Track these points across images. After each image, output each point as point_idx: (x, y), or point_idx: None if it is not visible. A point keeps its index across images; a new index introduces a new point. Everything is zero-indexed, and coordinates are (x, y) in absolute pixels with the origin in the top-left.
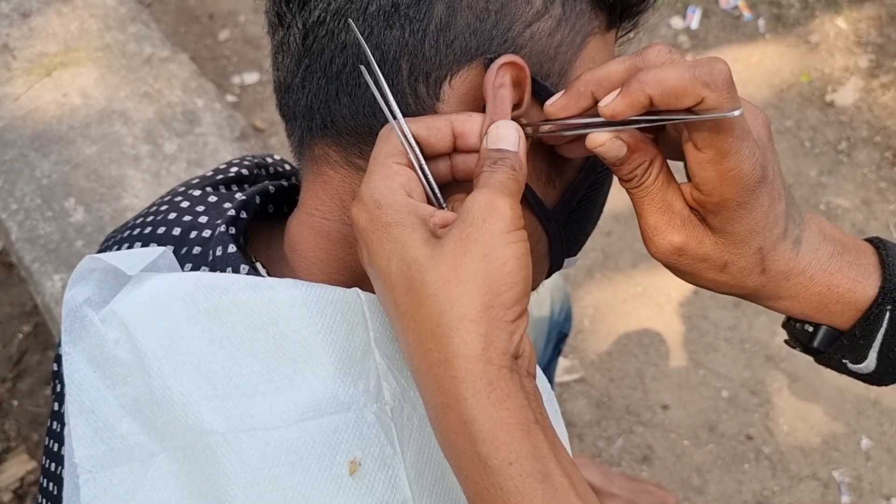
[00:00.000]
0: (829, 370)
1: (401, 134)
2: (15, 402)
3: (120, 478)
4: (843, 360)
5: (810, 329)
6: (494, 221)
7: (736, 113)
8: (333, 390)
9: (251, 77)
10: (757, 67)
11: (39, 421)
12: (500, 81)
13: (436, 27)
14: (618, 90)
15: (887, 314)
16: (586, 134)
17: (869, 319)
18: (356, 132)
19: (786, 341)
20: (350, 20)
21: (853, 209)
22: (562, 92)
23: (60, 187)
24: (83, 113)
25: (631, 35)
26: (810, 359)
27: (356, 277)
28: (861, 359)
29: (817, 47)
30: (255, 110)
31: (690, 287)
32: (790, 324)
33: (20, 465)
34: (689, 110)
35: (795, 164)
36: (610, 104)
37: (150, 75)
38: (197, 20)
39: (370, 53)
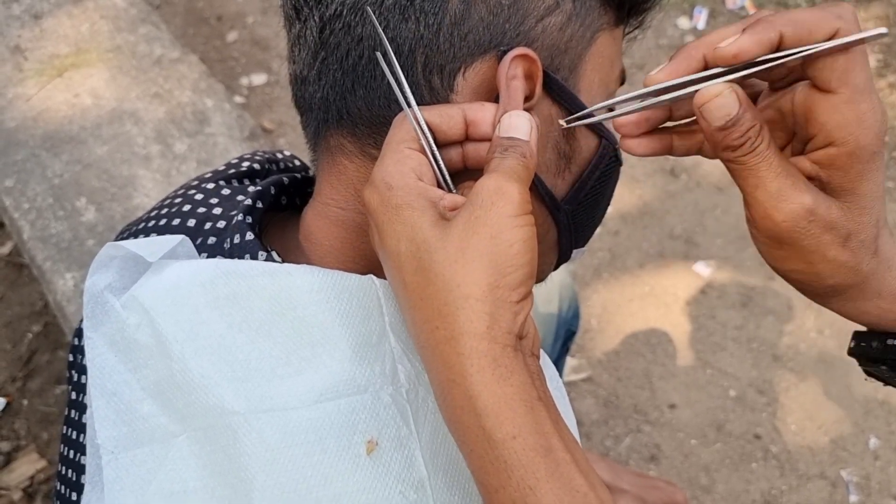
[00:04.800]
0: (837, 369)
1: (413, 119)
2: (25, 402)
3: (141, 458)
4: None
5: None
6: (503, 205)
7: (884, 31)
8: (350, 372)
9: (259, 78)
10: None
11: (49, 420)
12: (512, 73)
13: (450, 20)
14: (735, 35)
15: None
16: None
17: None
18: (371, 123)
19: (867, 372)
20: (368, 7)
21: None
22: (665, 63)
23: (72, 187)
24: (94, 113)
25: (636, 33)
26: (818, 358)
27: (371, 266)
28: None
29: None
30: (264, 111)
31: (698, 287)
32: (870, 344)
33: (30, 464)
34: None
35: None
36: (734, 42)
37: (161, 76)
38: (205, 22)
39: (386, 41)
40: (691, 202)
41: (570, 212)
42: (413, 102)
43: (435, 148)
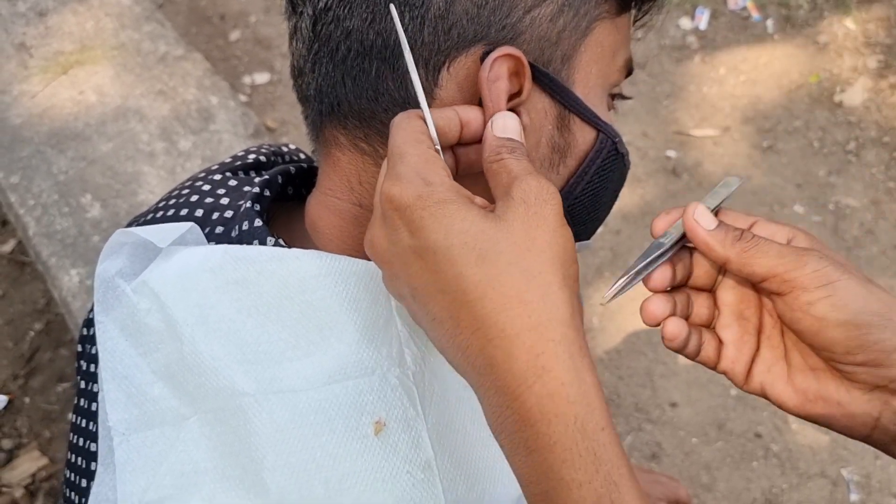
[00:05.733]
0: None
1: (431, 122)
2: (27, 399)
3: (152, 440)
4: None
5: None
6: (554, 203)
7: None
8: (358, 355)
9: (262, 77)
10: (765, 68)
11: (51, 418)
12: (494, 76)
13: (434, 14)
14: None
15: None
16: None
17: None
18: (360, 116)
19: None
20: (392, 6)
21: (862, 209)
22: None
23: (77, 183)
24: (99, 110)
25: (645, 20)
26: None
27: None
28: None
29: (826, 48)
30: (267, 110)
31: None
32: None
33: (32, 462)
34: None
35: (804, 165)
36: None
37: (165, 73)
38: (208, 21)
39: (405, 41)
40: (692, 202)
41: (565, 207)
42: (425, 105)
43: (440, 151)
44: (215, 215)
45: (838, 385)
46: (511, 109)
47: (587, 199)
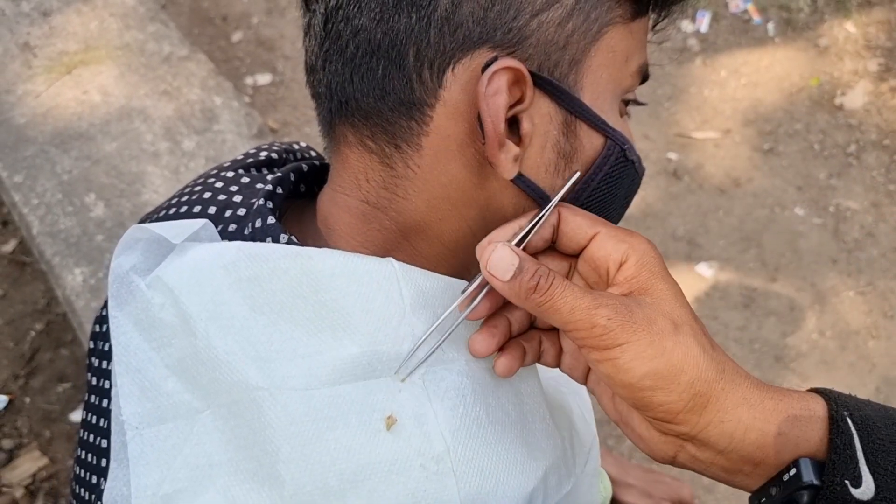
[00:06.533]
0: (838, 371)
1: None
2: (27, 399)
3: (166, 434)
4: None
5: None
6: None
7: (577, 174)
8: (371, 355)
9: (264, 78)
10: (766, 71)
11: (51, 418)
12: (493, 90)
13: (441, 15)
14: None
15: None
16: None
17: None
18: (367, 114)
19: None
20: None
21: (862, 211)
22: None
23: (81, 183)
24: (103, 110)
25: (665, 24)
26: (819, 359)
27: (377, 251)
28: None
29: (826, 51)
30: (268, 111)
31: (700, 287)
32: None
33: (32, 462)
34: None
35: (805, 167)
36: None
37: (169, 73)
38: (210, 22)
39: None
40: (694, 204)
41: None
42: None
43: None
44: (228, 212)
45: (640, 422)
46: (513, 116)
47: (595, 205)
